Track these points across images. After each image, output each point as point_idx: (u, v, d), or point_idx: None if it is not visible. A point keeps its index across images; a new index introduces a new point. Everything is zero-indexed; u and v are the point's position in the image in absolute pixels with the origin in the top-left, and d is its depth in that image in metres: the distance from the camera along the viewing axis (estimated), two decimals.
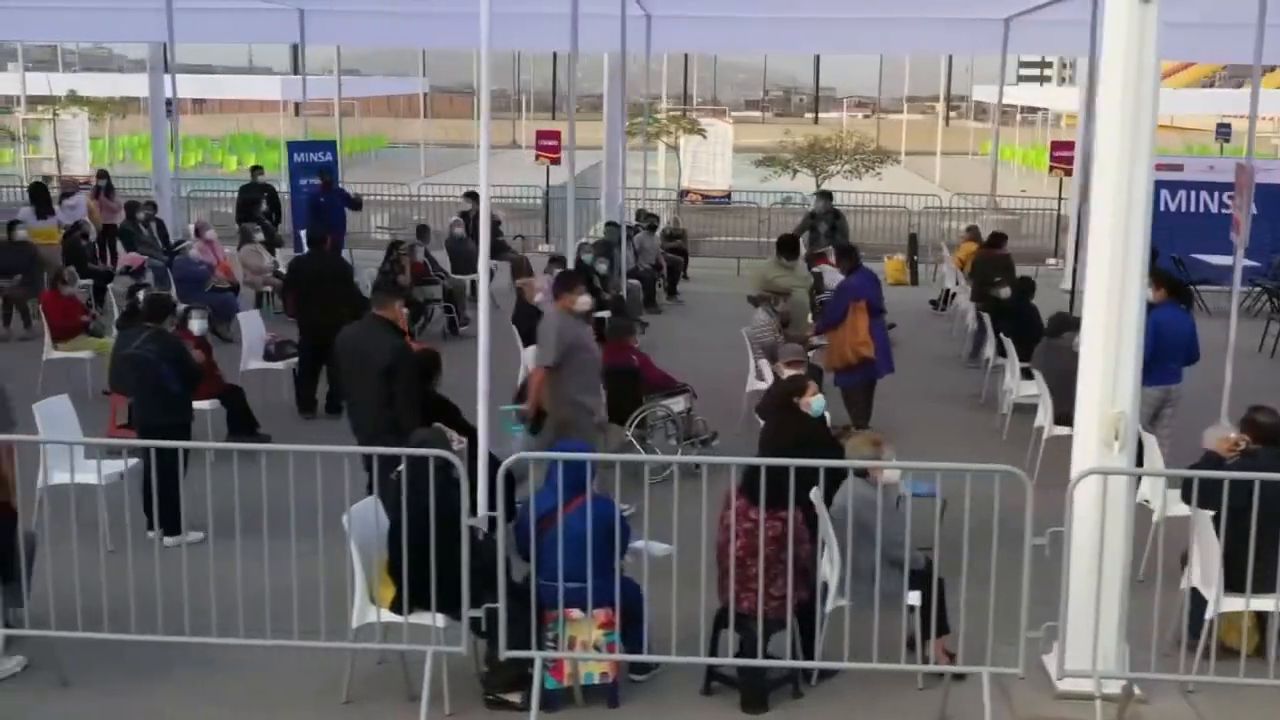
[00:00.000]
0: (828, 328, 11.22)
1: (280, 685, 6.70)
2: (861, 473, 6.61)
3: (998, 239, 14.97)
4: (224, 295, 15.68)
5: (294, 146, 20.26)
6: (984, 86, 56.73)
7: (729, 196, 32.22)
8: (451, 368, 9.19)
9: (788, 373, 8.15)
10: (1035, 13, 17.81)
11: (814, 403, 7.60)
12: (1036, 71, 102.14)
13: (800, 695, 6.61)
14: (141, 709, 6.50)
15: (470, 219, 18.57)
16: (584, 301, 8.99)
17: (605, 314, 13.10)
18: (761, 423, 11.29)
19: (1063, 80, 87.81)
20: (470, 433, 8.47)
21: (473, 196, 19.56)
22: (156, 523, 7.28)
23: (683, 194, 32.39)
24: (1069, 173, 22.67)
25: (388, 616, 6.43)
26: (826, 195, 17.90)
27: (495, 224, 19.78)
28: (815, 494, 6.62)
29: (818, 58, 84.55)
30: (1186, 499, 6.68)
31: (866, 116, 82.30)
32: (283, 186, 20.66)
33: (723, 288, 19.92)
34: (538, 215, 24.84)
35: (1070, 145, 22.88)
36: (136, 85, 31.46)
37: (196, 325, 11.19)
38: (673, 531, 6.37)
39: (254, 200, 19.12)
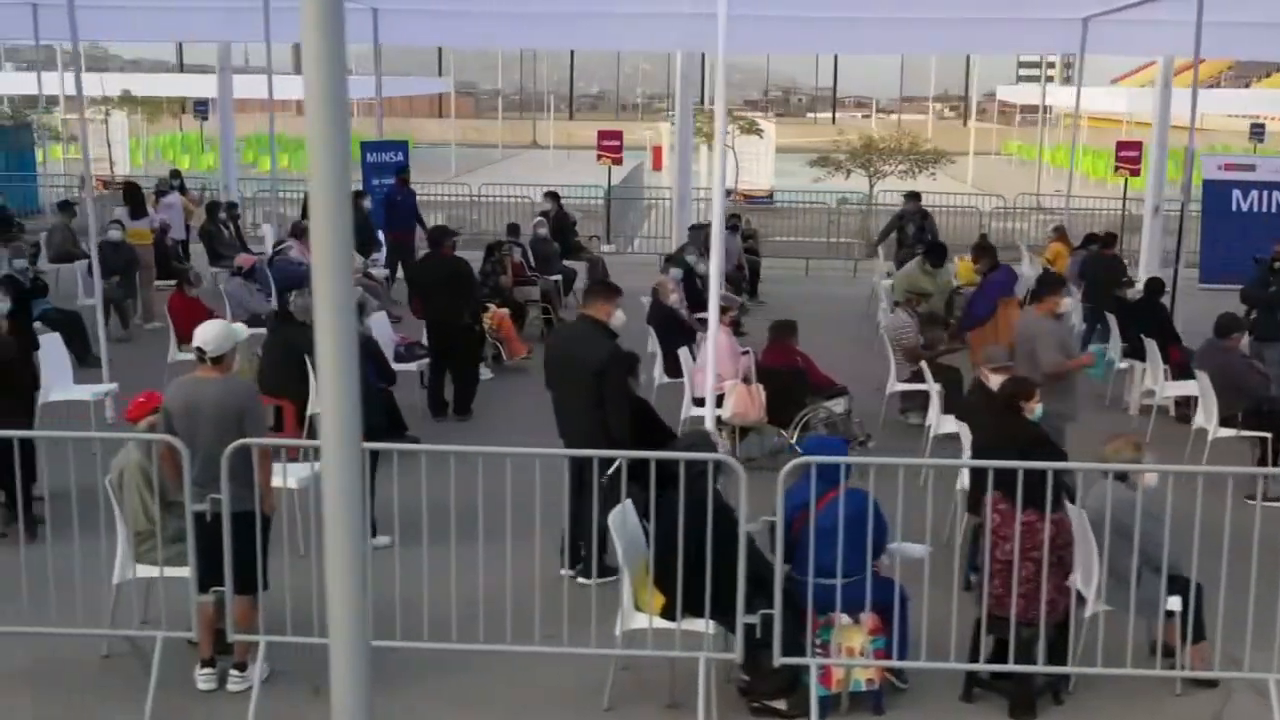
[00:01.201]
0: (975, 325, 11.15)
1: (537, 691, 6.63)
2: (1121, 476, 6.56)
3: (1109, 239, 14.93)
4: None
5: (367, 147, 20.13)
6: (1007, 86, 56.79)
7: (771, 196, 32.20)
8: None
9: (994, 378, 8.08)
10: (1117, 13, 17.81)
11: (1037, 408, 7.55)
12: (1036, 72, 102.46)
13: (1061, 702, 6.56)
14: (401, 715, 6.42)
15: (551, 219, 18.50)
16: (1066, 304, 9.10)
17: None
18: (911, 421, 11.40)
19: (1065, 80, 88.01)
20: (669, 434, 8.43)
21: (553, 196, 19.52)
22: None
23: (727, 193, 32.37)
24: (1135, 173, 22.70)
25: (659, 623, 6.34)
26: (915, 196, 17.84)
27: (571, 224, 19.76)
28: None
29: (820, 59, 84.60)
30: None
31: (865, 117, 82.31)
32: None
33: (797, 287, 19.91)
34: (595, 215, 24.73)
35: (1136, 146, 22.90)
36: (171, 86, 31.53)
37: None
38: (926, 533, 6.35)
39: None
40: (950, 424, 10.16)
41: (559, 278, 17.01)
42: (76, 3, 19.23)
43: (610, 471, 7.25)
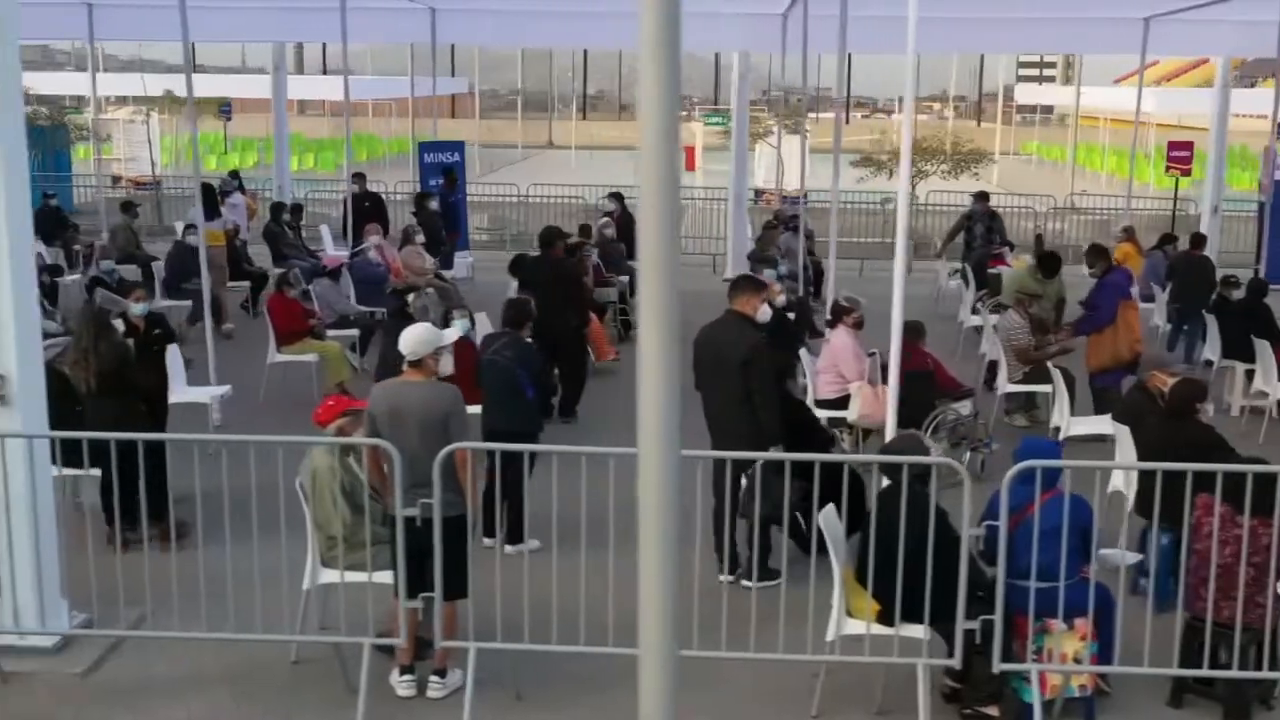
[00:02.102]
0: (1097, 328, 11.07)
1: (737, 697, 6.56)
2: None
3: (1198, 240, 14.88)
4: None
5: (424, 147, 20.05)
6: (1027, 86, 56.76)
7: (805, 197, 32.06)
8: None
9: (1169, 380, 8.02)
10: (1179, 14, 17.79)
11: (1209, 408, 7.50)
12: (1035, 71, 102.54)
13: (1271, 708, 6.50)
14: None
15: (617, 219, 18.41)
16: None
17: (791, 315, 13.13)
18: (1016, 423, 11.34)
19: (1066, 79, 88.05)
20: (827, 436, 8.37)
21: (617, 197, 19.41)
22: (500, 530, 7.13)
23: (757, 194, 32.29)
24: (1186, 173, 22.65)
25: (876, 629, 6.27)
26: (983, 196, 17.75)
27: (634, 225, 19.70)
28: None
29: (821, 59, 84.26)
30: None
31: (865, 117, 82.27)
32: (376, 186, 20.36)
33: (856, 288, 19.79)
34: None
35: (1188, 145, 22.86)
36: (210, 86, 31.31)
37: (459, 326, 11.03)
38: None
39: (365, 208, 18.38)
40: (1083, 425, 10.13)
41: (627, 279, 16.91)
42: (129, 3, 19.34)
43: (748, 472, 7.22)
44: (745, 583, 7.69)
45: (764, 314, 8.29)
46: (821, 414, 10.09)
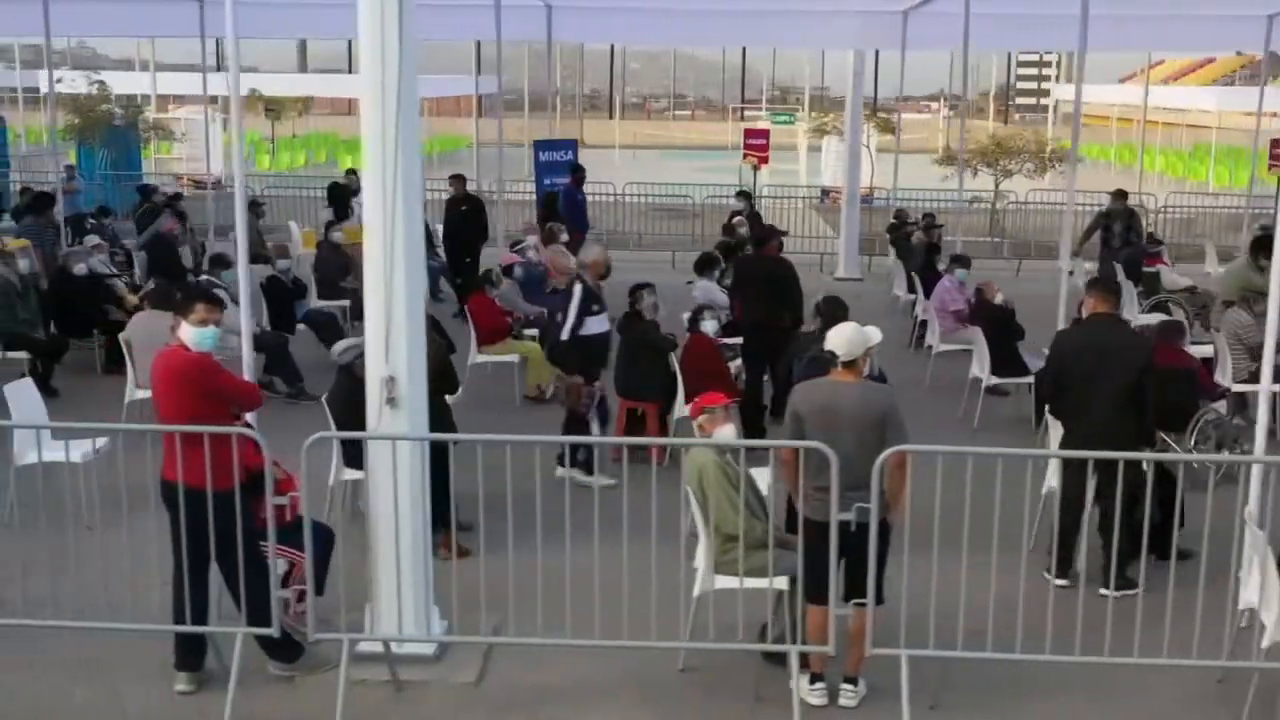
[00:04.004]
0: None
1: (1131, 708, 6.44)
2: None
3: None
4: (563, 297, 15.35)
5: (539, 145, 19.90)
6: (1063, 86, 56.69)
7: (871, 196, 31.98)
8: None
9: None
10: None
11: None
12: (1035, 71, 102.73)
13: None
14: None
15: (749, 218, 18.27)
16: None
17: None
18: (1236, 422, 11.19)
19: (1067, 78, 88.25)
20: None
21: (745, 195, 19.30)
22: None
23: (824, 193, 32.17)
24: None
25: None
26: (1122, 194, 17.66)
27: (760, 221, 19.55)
28: None
29: (825, 58, 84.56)
30: None
31: (868, 117, 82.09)
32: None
33: (1009, 290, 19.72)
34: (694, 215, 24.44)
35: None
36: (294, 85, 31.08)
37: (710, 326, 10.90)
38: None
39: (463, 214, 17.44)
40: None
41: None
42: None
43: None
44: (1103, 591, 7.51)
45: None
46: None
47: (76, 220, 17.74)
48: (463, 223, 16.94)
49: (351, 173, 20.30)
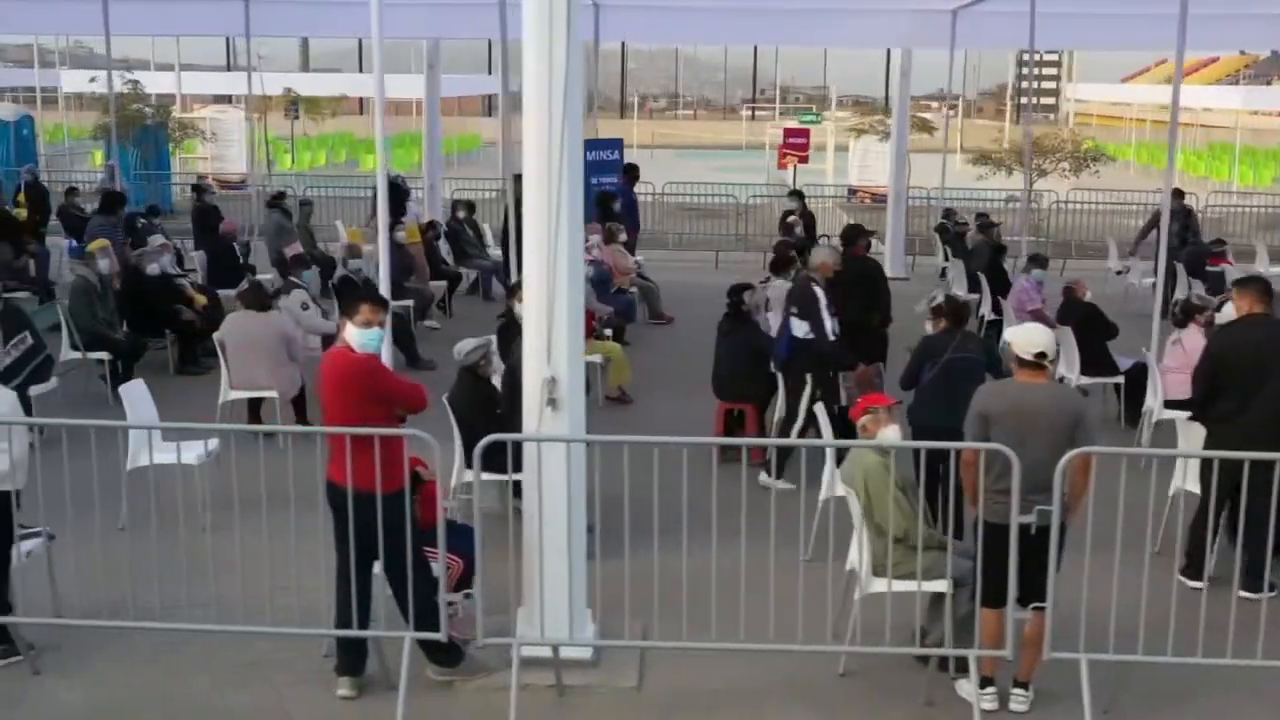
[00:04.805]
0: None
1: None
2: None
3: None
4: (626, 297, 15.34)
5: (587, 145, 19.76)
6: (1089, 85, 56.80)
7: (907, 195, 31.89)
8: None
9: None
10: None
11: None
12: (1037, 71, 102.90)
13: None
14: None
15: (803, 217, 18.21)
16: None
17: None
18: None
19: (1069, 77, 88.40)
20: None
21: (798, 195, 19.22)
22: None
23: (851, 192, 32.13)
24: None
25: None
26: (1178, 194, 17.56)
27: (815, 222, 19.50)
28: None
29: (826, 56, 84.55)
30: None
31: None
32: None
33: (1055, 287, 19.66)
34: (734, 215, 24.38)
35: None
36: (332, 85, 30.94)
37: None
38: None
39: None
40: None
41: None
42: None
43: None
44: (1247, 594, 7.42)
45: None
46: (1169, 414, 9.99)
47: (128, 220, 17.62)
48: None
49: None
